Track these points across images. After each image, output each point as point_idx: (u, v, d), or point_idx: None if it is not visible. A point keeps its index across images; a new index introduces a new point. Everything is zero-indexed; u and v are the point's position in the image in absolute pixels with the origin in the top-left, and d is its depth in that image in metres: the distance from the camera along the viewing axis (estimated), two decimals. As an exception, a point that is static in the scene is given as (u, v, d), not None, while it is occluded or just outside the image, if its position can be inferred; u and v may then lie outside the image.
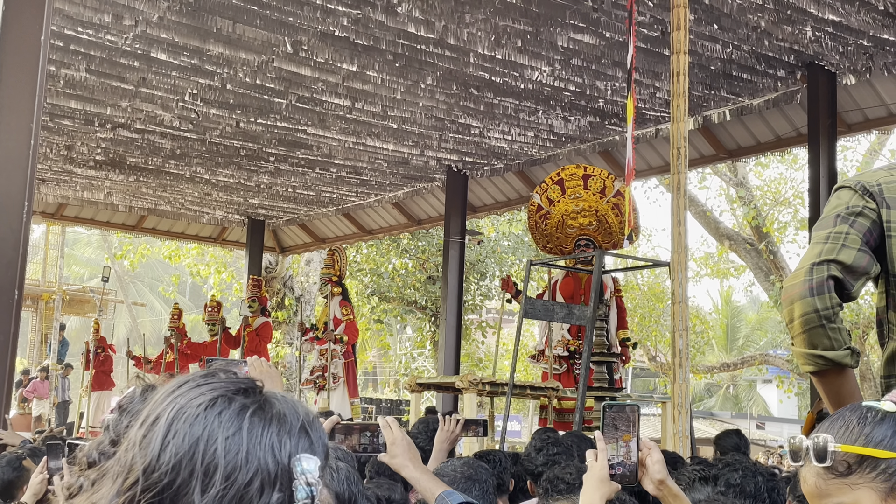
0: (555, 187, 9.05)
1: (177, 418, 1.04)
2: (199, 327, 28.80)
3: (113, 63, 8.83)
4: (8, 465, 3.80)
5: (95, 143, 11.45)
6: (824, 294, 2.15)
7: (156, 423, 1.04)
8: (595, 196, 8.86)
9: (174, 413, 1.05)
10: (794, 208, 20.14)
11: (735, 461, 2.83)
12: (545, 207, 9.16)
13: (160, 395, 1.08)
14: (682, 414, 5.55)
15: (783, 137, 10.25)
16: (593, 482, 2.03)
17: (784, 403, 31.10)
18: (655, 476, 2.01)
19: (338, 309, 11.75)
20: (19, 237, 5.58)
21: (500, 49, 8.41)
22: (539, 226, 9.27)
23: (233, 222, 16.17)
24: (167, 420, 1.04)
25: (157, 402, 1.07)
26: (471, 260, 20.06)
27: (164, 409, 1.05)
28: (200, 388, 1.07)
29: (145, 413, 1.07)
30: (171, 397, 1.07)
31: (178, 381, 1.09)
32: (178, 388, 1.08)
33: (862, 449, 1.39)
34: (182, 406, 1.05)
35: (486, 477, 2.90)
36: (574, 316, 7.17)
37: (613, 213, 8.88)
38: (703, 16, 7.73)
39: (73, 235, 32.75)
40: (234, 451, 1.03)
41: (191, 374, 1.11)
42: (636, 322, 22.59)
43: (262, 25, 7.97)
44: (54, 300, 20.44)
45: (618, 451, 2.02)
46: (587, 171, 8.96)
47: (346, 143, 11.29)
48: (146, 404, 1.09)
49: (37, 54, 5.72)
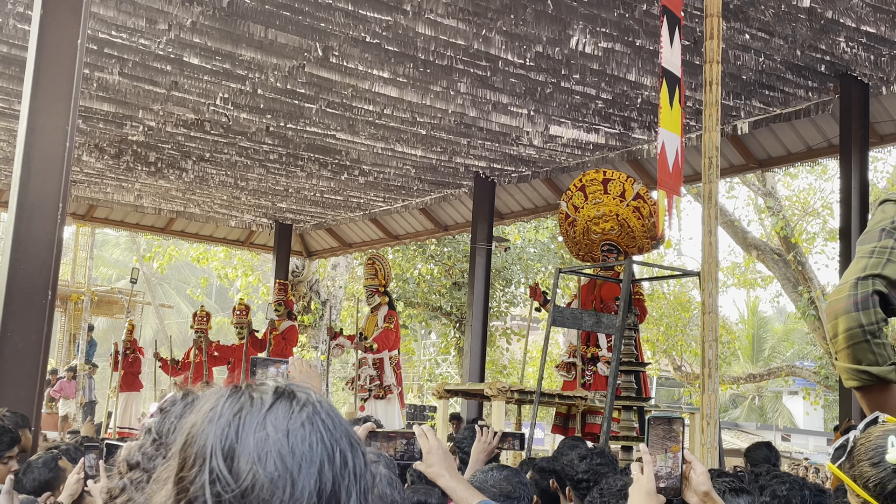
0: (578, 194, 8.97)
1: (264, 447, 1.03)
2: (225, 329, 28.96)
3: (146, 67, 8.91)
4: (44, 466, 3.84)
5: (127, 146, 11.55)
6: (869, 309, 2.13)
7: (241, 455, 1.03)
8: (615, 200, 8.75)
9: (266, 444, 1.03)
10: (822, 219, 19.99)
11: (783, 473, 2.81)
12: (571, 215, 9.11)
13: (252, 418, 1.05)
14: (710, 425, 5.51)
15: (814, 148, 10.18)
16: (640, 495, 2.01)
17: (810, 416, 30.87)
18: (700, 488, 2.00)
19: (384, 319, 11.64)
20: (53, 238, 5.64)
21: (530, 56, 8.41)
22: (569, 234, 9.22)
23: (260, 226, 16.25)
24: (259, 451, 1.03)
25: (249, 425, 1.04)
26: (497, 266, 20.04)
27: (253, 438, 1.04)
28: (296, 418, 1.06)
29: (221, 435, 1.04)
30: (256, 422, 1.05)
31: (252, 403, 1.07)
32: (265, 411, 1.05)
33: None
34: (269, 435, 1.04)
35: (525, 493, 2.88)
36: (602, 325, 7.15)
37: (634, 217, 8.75)
38: (737, 25, 7.70)
39: (102, 237, 33.01)
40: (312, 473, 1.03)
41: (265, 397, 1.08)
42: (662, 331, 22.49)
43: (294, 31, 8.02)
44: (83, 301, 20.59)
45: (665, 462, 2.00)
46: (607, 175, 8.83)
47: (375, 148, 11.32)
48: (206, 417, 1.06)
49: (73, 58, 5.78)
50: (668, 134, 5.84)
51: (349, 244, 16.54)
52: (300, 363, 2.65)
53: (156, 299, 30.56)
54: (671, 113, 5.82)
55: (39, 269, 5.60)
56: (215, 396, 1.09)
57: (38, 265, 5.60)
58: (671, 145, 5.83)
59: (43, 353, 5.61)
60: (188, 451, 1.05)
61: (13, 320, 5.54)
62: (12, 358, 5.50)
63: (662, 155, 5.79)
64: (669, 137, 5.85)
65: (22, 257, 5.58)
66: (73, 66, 5.77)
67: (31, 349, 5.54)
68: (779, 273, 18.50)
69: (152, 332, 29.94)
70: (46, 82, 5.75)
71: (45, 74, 5.75)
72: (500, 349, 22.78)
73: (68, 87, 5.75)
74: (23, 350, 5.52)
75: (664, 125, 5.82)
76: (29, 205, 5.63)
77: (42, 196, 5.65)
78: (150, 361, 14.82)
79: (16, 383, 5.49)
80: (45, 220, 5.62)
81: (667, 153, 5.85)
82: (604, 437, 6.32)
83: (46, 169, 5.66)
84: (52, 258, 5.62)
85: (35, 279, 5.58)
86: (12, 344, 5.51)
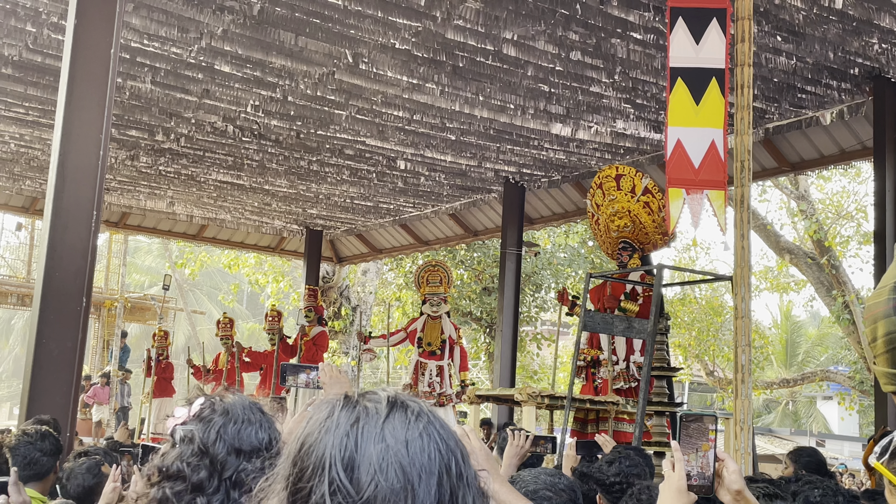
0: (598, 191, 8.92)
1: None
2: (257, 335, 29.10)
3: (177, 75, 8.99)
4: (88, 472, 3.86)
5: (159, 153, 11.65)
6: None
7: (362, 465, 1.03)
8: (627, 196, 8.66)
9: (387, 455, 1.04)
10: (856, 222, 19.78)
11: (816, 479, 2.78)
12: (595, 213, 9.07)
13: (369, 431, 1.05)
14: (744, 430, 5.47)
15: (847, 150, 10.08)
16: (671, 493, 1.98)
17: (845, 421, 30.50)
18: (733, 486, 1.98)
19: (453, 330, 11.63)
20: (87, 246, 5.70)
21: (559, 60, 8.40)
22: (596, 232, 9.19)
23: (291, 232, 16.33)
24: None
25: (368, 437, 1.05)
26: (527, 272, 20.00)
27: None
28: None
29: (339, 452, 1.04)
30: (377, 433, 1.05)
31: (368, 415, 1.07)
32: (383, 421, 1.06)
33: None
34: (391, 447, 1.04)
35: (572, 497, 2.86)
36: (634, 329, 7.11)
37: (645, 213, 8.66)
38: (768, 27, 7.65)
39: (135, 244, 33.30)
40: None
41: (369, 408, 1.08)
42: (693, 336, 22.34)
43: (324, 38, 8.06)
44: (116, 307, 20.78)
45: (697, 461, 1.98)
46: (619, 171, 8.75)
47: (405, 154, 11.35)
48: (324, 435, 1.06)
49: (106, 67, 5.84)
50: (691, 130, 5.81)
51: (379, 250, 16.58)
52: (330, 369, 2.65)
53: (188, 305, 30.77)
54: (699, 108, 5.78)
55: (74, 276, 5.66)
56: (328, 406, 1.08)
57: (73, 272, 5.66)
58: (697, 141, 5.79)
59: (78, 360, 5.67)
60: (305, 461, 1.05)
61: (48, 327, 5.60)
62: (48, 364, 5.56)
63: (676, 153, 5.76)
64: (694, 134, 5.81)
65: (57, 265, 5.65)
66: (106, 76, 5.83)
67: (66, 356, 5.60)
68: (812, 277, 18.32)
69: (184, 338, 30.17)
70: (80, 91, 5.82)
71: (80, 84, 5.82)
72: (530, 354, 22.73)
73: (102, 96, 5.82)
74: (58, 357, 5.58)
75: (677, 123, 5.79)
76: (64, 213, 5.69)
77: (76, 204, 5.71)
78: (182, 367, 14.93)
79: (52, 389, 5.55)
80: (79, 228, 5.68)
81: (686, 150, 5.81)
82: (636, 443, 6.28)
83: (81, 177, 5.72)
84: (87, 266, 5.68)
85: (70, 286, 5.64)
86: (48, 350, 5.57)
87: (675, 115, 5.81)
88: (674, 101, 5.81)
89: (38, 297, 5.67)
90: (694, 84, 5.81)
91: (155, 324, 20.94)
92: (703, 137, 5.81)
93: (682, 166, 5.76)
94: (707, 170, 5.76)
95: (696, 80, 5.81)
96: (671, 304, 22.14)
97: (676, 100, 5.82)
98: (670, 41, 5.89)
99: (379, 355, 15.57)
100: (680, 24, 5.87)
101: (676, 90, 5.81)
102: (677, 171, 5.75)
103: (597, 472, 3.66)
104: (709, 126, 5.82)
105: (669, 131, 5.77)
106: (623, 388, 8.67)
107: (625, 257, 8.74)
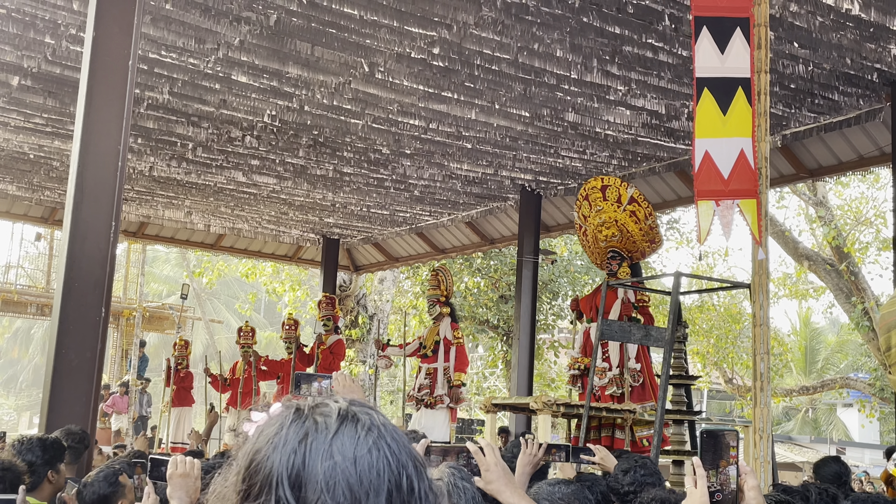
0: (584, 203, 9.06)
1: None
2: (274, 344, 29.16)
3: (195, 85, 9.04)
4: (105, 480, 3.85)
5: (177, 164, 11.71)
6: None
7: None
8: (613, 206, 8.81)
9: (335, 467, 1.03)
10: (875, 228, 19.65)
11: (865, 494, 2.77)
12: (582, 224, 9.18)
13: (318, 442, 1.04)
14: (763, 439, 5.44)
15: (865, 156, 10.02)
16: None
17: (866, 428, 30.27)
18: (752, 503, 1.98)
19: (449, 331, 11.65)
20: (106, 256, 5.73)
21: (575, 68, 8.40)
22: (584, 243, 9.31)
23: (308, 241, 16.37)
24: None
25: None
26: (543, 279, 19.98)
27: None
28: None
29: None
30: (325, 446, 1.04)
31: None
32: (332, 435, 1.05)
33: None
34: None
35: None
36: (651, 338, 7.09)
37: (632, 221, 8.78)
38: (784, 34, 7.62)
39: (153, 253, 33.49)
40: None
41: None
42: (712, 343, 22.24)
43: (340, 48, 8.09)
44: (135, 317, 20.89)
45: (717, 477, 1.97)
46: (605, 181, 8.93)
47: (421, 162, 11.37)
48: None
49: (125, 78, 5.88)
50: (719, 141, 5.78)
51: (396, 258, 16.60)
52: (343, 378, 2.66)
53: (206, 314, 30.89)
54: (726, 118, 5.75)
55: (93, 286, 5.69)
56: (279, 421, 1.07)
57: (92, 283, 5.69)
58: (726, 151, 5.75)
59: (97, 370, 5.70)
60: (254, 477, 1.04)
61: (68, 337, 5.64)
62: (67, 374, 5.60)
63: (704, 165, 5.74)
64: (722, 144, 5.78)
65: (76, 275, 5.69)
66: (124, 87, 5.88)
67: (85, 365, 5.63)
68: (831, 284, 18.21)
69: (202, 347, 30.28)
70: (99, 103, 5.86)
71: (98, 95, 5.86)
72: (547, 362, 22.68)
73: (120, 107, 5.86)
74: (77, 366, 5.61)
75: (705, 134, 5.77)
76: (82, 223, 5.73)
77: (95, 215, 5.74)
78: (200, 376, 14.98)
79: (71, 399, 5.59)
80: (98, 239, 5.72)
81: (715, 161, 5.78)
82: (654, 451, 6.26)
83: (99, 188, 5.76)
84: (106, 276, 5.71)
85: (89, 297, 5.68)
86: (67, 360, 5.61)
87: (703, 126, 5.78)
88: (700, 113, 5.78)
89: (57, 306, 5.71)
90: (720, 94, 5.78)
91: (173, 333, 21.04)
92: (731, 147, 5.77)
93: (711, 178, 5.72)
94: (737, 179, 5.72)
95: (722, 89, 5.78)
96: (689, 311, 22.06)
97: (703, 111, 5.79)
98: (695, 51, 5.87)
99: (396, 363, 15.59)
100: (704, 34, 5.85)
101: (703, 101, 5.78)
102: (706, 182, 5.71)
103: (612, 482, 3.67)
104: (737, 136, 5.78)
105: (697, 143, 5.74)
106: (617, 394, 8.73)
107: (614, 266, 8.87)
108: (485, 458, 2.52)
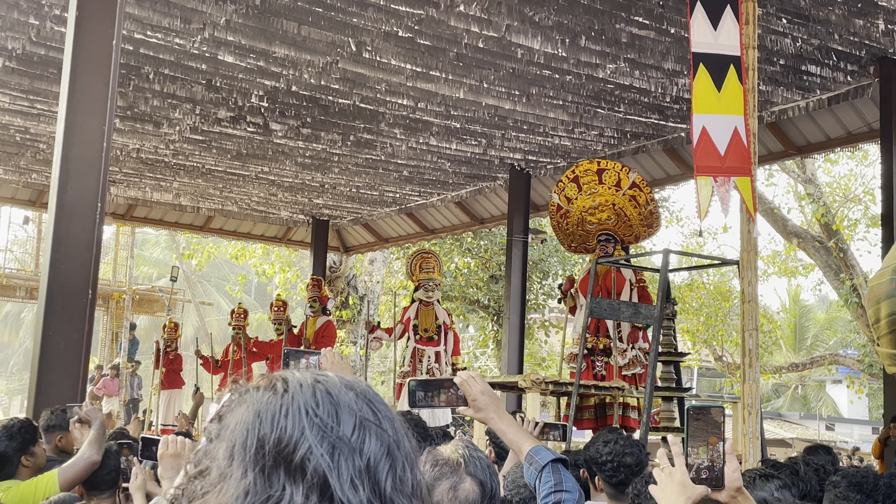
0: (571, 185, 9.08)
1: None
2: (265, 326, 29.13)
3: (181, 66, 8.97)
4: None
5: (164, 145, 11.65)
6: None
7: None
8: (611, 190, 8.87)
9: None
10: (864, 205, 19.70)
11: (854, 469, 2.81)
12: (564, 206, 9.18)
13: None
14: (752, 415, 5.46)
15: (854, 133, 10.03)
16: (674, 487, 1.91)
17: (854, 404, 30.48)
18: (733, 484, 1.94)
19: (446, 315, 11.71)
20: (93, 238, 5.70)
21: (563, 46, 8.37)
22: (561, 225, 9.30)
23: (298, 222, 16.33)
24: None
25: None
26: (533, 259, 19.99)
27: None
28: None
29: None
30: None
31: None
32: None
33: None
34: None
35: None
36: (641, 315, 7.10)
37: (631, 206, 8.85)
38: (772, 10, 7.60)
39: (142, 236, 33.37)
40: None
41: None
42: (702, 321, 22.31)
43: (327, 27, 8.03)
44: (124, 300, 20.85)
45: (707, 454, 1.93)
46: (601, 165, 8.99)
47: (410, 142, 11.33)
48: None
49: (109, 59, 5.83)
50: (714, 118, 5.76)
51: (385, 239, 16.58)
52: (332, 355, 2.64)
53: (196, 297, 30.83)
54: (720, 95, 5.73)
55: (79, 268, 5.66)
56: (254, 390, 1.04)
57: (78, 265, 5.66)
58: (721, 128, 5.74)
59: (84, 352, 5.68)
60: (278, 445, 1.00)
61: (54, 319, 5.61)
62: (54, 357, 5.58)
63: (702, 141, 5.72)
64: (717, 121, 5.77)
65: (62, 257, 5.65)
66: (108, 67, 5.82)
67: (72, 348, 5.61)
68: (820, 261, 18.26)
69: (193, 329, 30.23)
70: (83, 84, 5.81)
71: (82, 76, 5.81)
72: (538, 342, 22.73)
73: (105, 87, 5.81)
74: (64, 349, 5.59)
75: (702, 110, 5.75)
76: (68, 205, 5.69)
77: (81, 196, 5.71)
78: (191, 358, 14.96)
79: (58, 382, 5.56)
80: (84, 220, 5.69)
81: (712, 138, 5.76)
82: (643, 428, 6.28)
83: (84, 169, 5.72)
84: (92, 257, 5.68)
85: (75, 278, 5.65)
86: (54, 343, 5.58)
87: (699, 101, 5.77)
88: (697, 88, 5.77)
89: (43, 289, 5.68)
90: (714, 70, 5.77)
91: (163, 315, 21.02)
92: (726, 124, 5.76)
93: (708, 153, 5.71)
94: (732, 157, 5.71)
95: (716, 66, 5.77)
96: (678, 289, 22.11)
97: (699, 86, 5.78)
98: (691, 26, 5.84)
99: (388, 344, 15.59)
100: (699, 10, 5.83)
101: (699, 76, 5.77)
102: (704, 158, 5.70)
103: (592, 452, 3.73)
104: (730, 113, 5.78)
105: (694, 118, 5.72)
106: (639, 374, 8.79)
107: (609, 248, 8.91)
108: (471, 388, 2.49)
